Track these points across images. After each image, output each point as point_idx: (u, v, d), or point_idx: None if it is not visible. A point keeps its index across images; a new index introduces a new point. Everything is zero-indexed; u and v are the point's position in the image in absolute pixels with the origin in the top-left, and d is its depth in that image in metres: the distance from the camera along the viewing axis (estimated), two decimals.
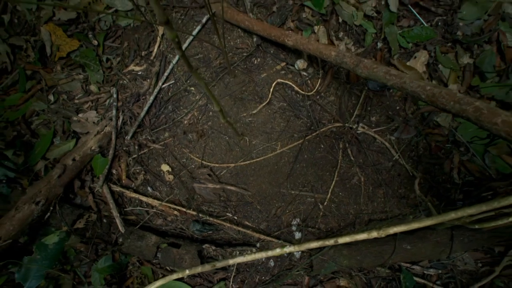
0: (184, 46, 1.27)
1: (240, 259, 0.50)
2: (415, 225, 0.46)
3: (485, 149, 1.11)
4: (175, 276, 0.55)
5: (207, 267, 0.52)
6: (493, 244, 1.02)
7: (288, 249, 0.49)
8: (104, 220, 1.14)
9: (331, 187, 1.15)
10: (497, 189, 1.01)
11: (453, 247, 0.97)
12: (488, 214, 0.73)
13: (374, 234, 0.47)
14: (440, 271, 1.05)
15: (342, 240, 0.47)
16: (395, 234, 1.03)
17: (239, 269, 1.10)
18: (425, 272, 1.05)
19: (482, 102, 0.67)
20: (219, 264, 0.52)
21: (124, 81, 1.31)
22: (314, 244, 0.49)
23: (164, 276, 1.11)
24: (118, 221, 1.09)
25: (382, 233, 0.47)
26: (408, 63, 1.20)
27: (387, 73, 0.89)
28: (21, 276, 0.81)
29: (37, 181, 1.07)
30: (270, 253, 0.50)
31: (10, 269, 1.09)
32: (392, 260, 1.01)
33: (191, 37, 1.27)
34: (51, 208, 1.03)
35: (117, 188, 1.18)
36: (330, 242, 0.48)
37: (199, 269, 0.52)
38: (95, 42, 1.33)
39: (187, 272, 0.53)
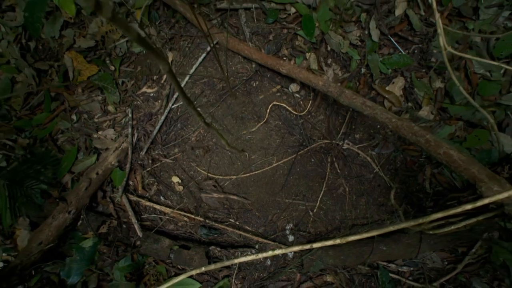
0: (189, 74, 1.45)
1: (243, 259, 0.68)
2: (365, 235, 0.64)
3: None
4: (193, 272, 0.74)
5: (218, 265, 0.70)
6: (456, 245, 1.21)
7: (277, 251, 0.68)
8: (124, 226, 1.33)
9: (320, 196, 1.34)
10: (460, 198, 1.20)
11: (421, 248, 1.16)
12: (439, 222, 0.92)
13: (338, 241, 0.65)
14: (412, 268, 1.24)
15: (316, 245, 0.66)
16: (373, 237, 1.22)
17: (241, 268, 1.29)
18: (399, 269, 1.24)
19: (432, 135, 0.86)
20: (227, 263, 0.70)
21: (138, 102, 1.49)
22: (295, 248, 0.67)
23: (177, 274, 1.31)
24: (136, 226, 1.28)
25: (343, 240, 0.65)
26: (387, 88, 1.39)
27: (363, 104, 1.07)
28: (65, 273, 1.00)
29: (67, 193, 1.26)
30: (264, 254, 0.69)
31: (44, 269, 1.28)
32: (371, 259, 1.20)
33: (196, 65, 1.45)
34: (82, 216, 1.22)
35: (134, 198, 1.37)
36: (307, 246, 0.66)
37: (212, 267, 0.70)
38: (112, 67, 1.52)
39: (203, 269, 0.71)
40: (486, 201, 0.61)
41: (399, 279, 1.23)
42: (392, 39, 1.43)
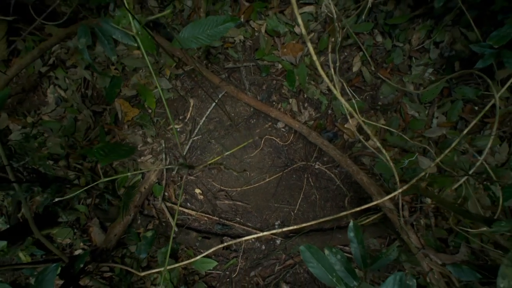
0: (205, 115, 2.11)
1: (245, 238, 1.34)
2: (309, 223, 1.30)
3: (390, 177, 1.96)
4: (213, 249, 1.40)
5: (231, 242, 1.36)
6: (388, 233, 1.88)
7: (263, 233, 1.34)
8: (163, 224, 2.01)
9: (299, 201, 2.00)
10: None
11: (364, 235, 1.83)
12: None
13: (295, 226, 1.31)
14: None
15: (284, 229, 1.31)
16: (332, 229, 1.89)
17: (244, 251, 1.97)
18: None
19: (356, 167, 1.51)
20: (237, 240, 1.36)
21: (169, 135, 2.16)
22: (268, 233, 1.33)
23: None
24: (173, 224, 1.95)
25: (298, 226, 1.31)
26: (345, 125, 2.05)
27: (322, 143, 1.74)
28: (138, 251, 1.66)
29: (127, 201, 1.93)
30: (256, 235, 1.35)
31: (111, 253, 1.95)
32: (331, 244, 1.86)
33: (210, 108, 2.11)
34: (138, 217, 1.89)
35: (169, 204, 2.04)
36: (279, 231, 1.32)
37: (230, 242, 1.36)
38: (149, 110, 2.18)
39: (225, 244, 1.37)
40: (365, 206, 1.26)
41: (351, 257, 1.90)
42: (349, 89, 2.08)
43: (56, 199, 0.86)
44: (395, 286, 0.75)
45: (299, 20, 0.75)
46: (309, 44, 0.71)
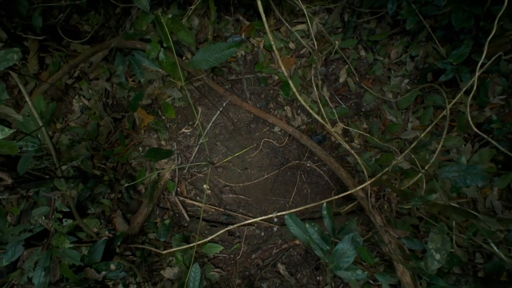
0: (211, 121, 2.49)
1: (247, 222, 1.72)
2: (299, 209, 1.67)
3: (370, 173, 2.34)
4: (222, 231, 1.78)
5: (234, 226, 1.73)
6: (369, 221, 2.25)
7: (258, 219, 1.70)
8: (177, 215, 2.39)
9: (293, 195, 2.38)
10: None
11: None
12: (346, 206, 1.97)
13: (284, 212, 1.68)
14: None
15: (280, 214, 1.68)
16: (321, 217, 2.27)
17: (246, 237, 2.35)
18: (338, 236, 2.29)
19: (338, 164, 1.89)
20: (240, 224, 1.73)
21: (180, 138, 2.54)
22: (262, 218, 1.70)
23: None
24: (185, 215, 2.34)
25: (287, 212, 1.68)
26: (333, 129, 2.42)
27: (312, 145, 2.11)
28: (158, 236, 2.04)
29: (144, 196, 2.31)
30: (253, 220, 1.72)
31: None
32: None
33: (216, 115, 2.49)
34: (155, 209, 2.27)
35: (181, 198, 2.43)
36: (274, 215, 1.69)
37: (234, 226, 1.74)
38: (163, 117, 2.56)
39: (231, 226, 1.75)
40: (343, 194, 1.64)
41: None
42: (337, 97, 2.46)
43: (126, 184, 1.23)
44: (349, 241, 1.13)
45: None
46: (295, 88, 1.08)
